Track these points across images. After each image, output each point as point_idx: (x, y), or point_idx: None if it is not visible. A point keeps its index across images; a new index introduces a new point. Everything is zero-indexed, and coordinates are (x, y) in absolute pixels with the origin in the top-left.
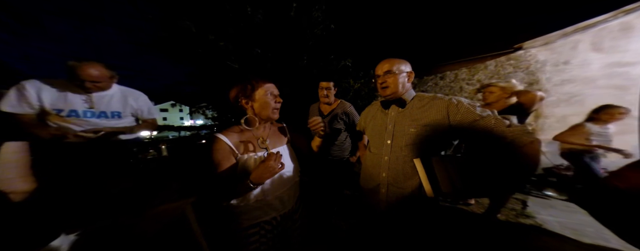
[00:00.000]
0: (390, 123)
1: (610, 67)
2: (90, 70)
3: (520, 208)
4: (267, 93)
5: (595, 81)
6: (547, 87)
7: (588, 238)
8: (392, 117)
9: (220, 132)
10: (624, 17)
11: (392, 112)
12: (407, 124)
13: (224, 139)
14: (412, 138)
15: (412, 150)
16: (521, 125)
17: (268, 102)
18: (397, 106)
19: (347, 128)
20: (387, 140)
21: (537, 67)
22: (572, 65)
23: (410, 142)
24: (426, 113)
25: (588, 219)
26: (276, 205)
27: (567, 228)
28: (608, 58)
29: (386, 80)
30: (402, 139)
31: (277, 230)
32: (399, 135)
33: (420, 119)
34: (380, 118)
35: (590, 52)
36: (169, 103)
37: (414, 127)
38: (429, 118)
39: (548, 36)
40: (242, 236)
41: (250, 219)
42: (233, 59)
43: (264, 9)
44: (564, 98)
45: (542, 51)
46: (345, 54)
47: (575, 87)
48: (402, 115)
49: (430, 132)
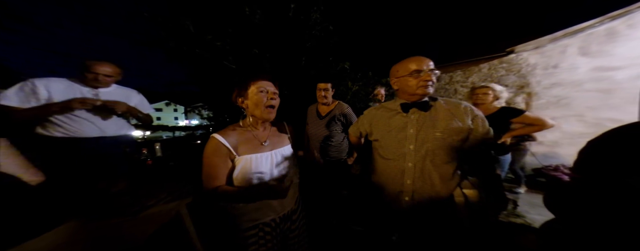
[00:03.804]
0: (412, 128)
1: (597, 71)
2: (105, 66)
3: (511, 208)
4: (259, 90)
5: (582, 84)
6: (537, 90)
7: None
8: (413, 121)
9: (217, 132)
10: (609, 22)
11: (413, 115)
12: (432, 128)
13: (221, 139)
14: (439, 143)
15: (438, 155)
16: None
17: (260, 100)
18: (418, 109)
19: (345, 129)
20: (409, 145)
21: (528, 70)
22: (560, 68)
23: (436, 147)
24: (453, 118)
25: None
26: (275, 206)
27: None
28: (594, 62)
29: (430, 78)
30: (427, 144)
31: (276, 231)
32: (424, 139)
33: (447, 124)
34: (398, 122)
35: (578, 57)
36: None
37: (440, 132)
38: (455, 123)
39: (538, 40)
40: (241, 238)
41: (249, 220)
42: (230, 59)
43: (262, 9)
44: (552, 101)
45: (533, 55)
46: (343, 56)
47: (564, 90)
48: (426, 118)
49: (455, 137)
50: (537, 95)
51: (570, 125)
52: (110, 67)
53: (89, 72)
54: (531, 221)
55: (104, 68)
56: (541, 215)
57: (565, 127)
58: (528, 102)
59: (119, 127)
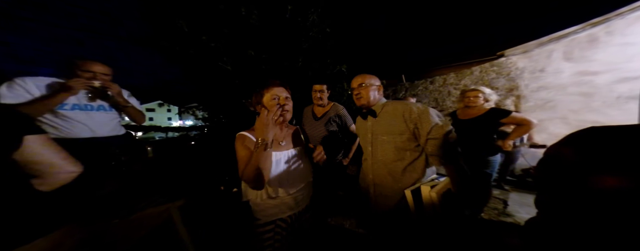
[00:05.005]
0: (369, 132)
1: (579, 75)
2: (100, 66)
3: (501, 207)
4: (272, 98)
5: (566, 88)
6: (525, 93)
7: None
8: (369, 126)
9: (243, 131)
10: (591, 29)
11: (369, 121)
12: (380, 132)
13: (248, 135)
14: (385, 144)
15: (387, 155)
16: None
17: (274, 106)
18: (371, 116)
19: (340, 130)
20: (368, 147)
21: (517, 74)
22: (546, 72)
23: (384, 148)
24: (393, 120)
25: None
26: (291, 203)
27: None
28: (577, 67)
29: (360, 92)
30: (378, 146)
31: (291, 227)
32: (376, 142)
33: (390, 126)
34: (362, 128)
35: (562, 61)
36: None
37: (386, 135)
38: (395, 124)
39: (526, 45)
40: (258, 233)
41: (267, 216)
42: (226, 60)
43: (258, 10)
44: (539, 104)
45: (521, 59)
46: (340, 58)
47: (549, 94)
48: (376, 124)
49: (399, 138)
50: (525, 98)
51: (555, 127)
52: (103, 67)
53: (83, 71)
54: (520, 221)
55: (99, 67)
56: (530, 215)
57: (551, 129)
58: (517, 104)
59: (111, 128)
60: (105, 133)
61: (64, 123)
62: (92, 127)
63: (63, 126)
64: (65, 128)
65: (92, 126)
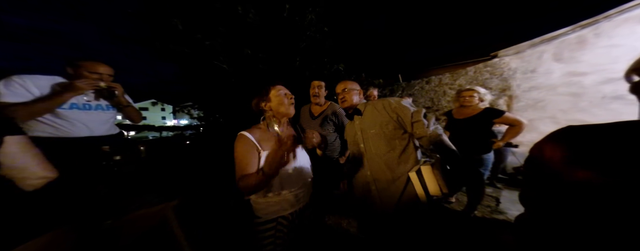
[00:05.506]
0: (358, 130)
1: (568, 76)
2: (105, 67)
3: (494, 205)
4: (279, 92)
5: (556, 88)
6: (517, 93)
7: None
8: (357, 125)
9: (243, 131)
10: (580, 31)
11: (356, 120)
12: (368, 126)
13: (248, 135)
14: (376, 137)
15: (379, 147)
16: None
17: (282, 99)
18: (357, 115)
19: (337, 129)
20: (360, 144)
21: (510, 74)
22: (538, 73)
23: (375, 140)
24: (377, 113)
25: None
26: (292, 201)
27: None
28: (566, 68)
29: (344, 96)
30: (369, 140)
31: (292, 224)
32: (367, 137)
33: (375, 119)
34: (351, 130)
35: (552, 62)
36: (150, 102)
37: (374, 128)
38: (379, 116)
39: (519, 46)
40: (259, 231)
41: (269, 214)
42: (221, 59)
43: (256, 8)
44: (531, 104)
45: (514, 59)
46: (338, 58)
47: (540, 94)
48: (363, 121)
49: (386, 129)
50: (517, 98)
51: (546, 126)
52: (108, 68)
53: (90, 72)
54: (512, 218)
55: (104, 68)
56: (521, 211)
57: (542, 128)
58: (509, 104)
59: (108, 127)
60: (102, 132)
61: (63, 123)
62: (90, 126)
63: (62, 125)
64: (64, 127)
65: (90, 125)
